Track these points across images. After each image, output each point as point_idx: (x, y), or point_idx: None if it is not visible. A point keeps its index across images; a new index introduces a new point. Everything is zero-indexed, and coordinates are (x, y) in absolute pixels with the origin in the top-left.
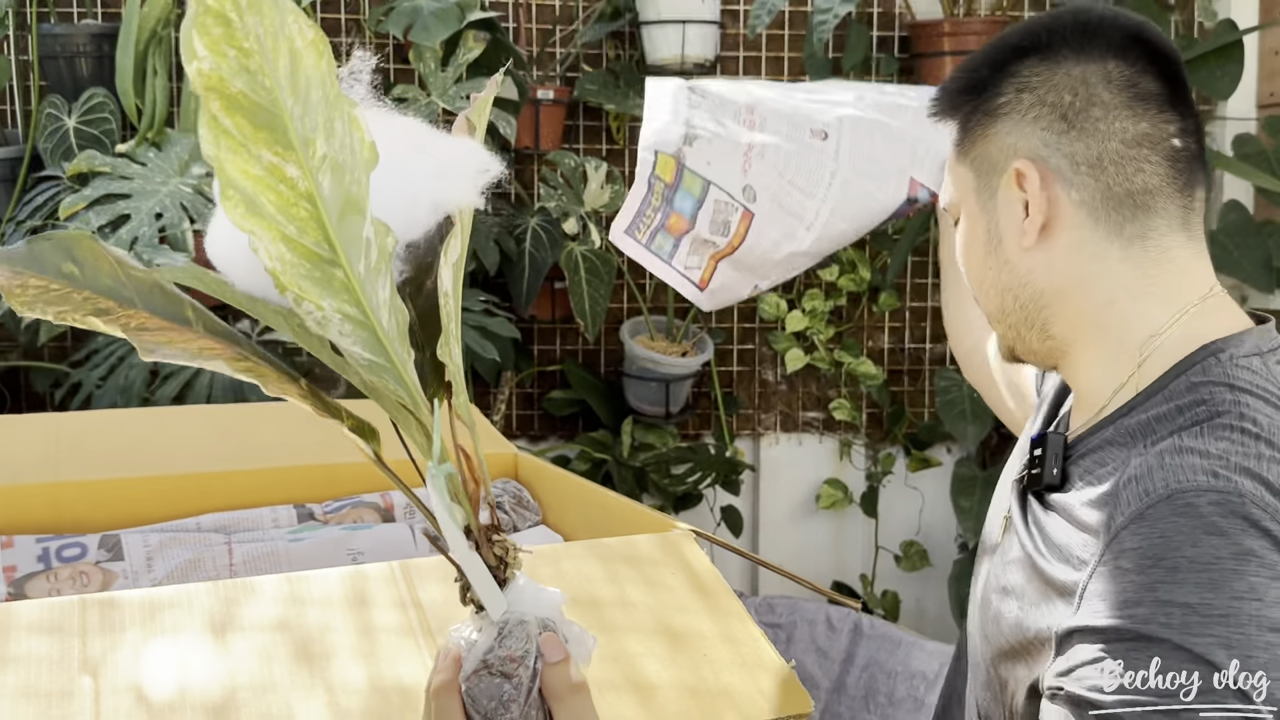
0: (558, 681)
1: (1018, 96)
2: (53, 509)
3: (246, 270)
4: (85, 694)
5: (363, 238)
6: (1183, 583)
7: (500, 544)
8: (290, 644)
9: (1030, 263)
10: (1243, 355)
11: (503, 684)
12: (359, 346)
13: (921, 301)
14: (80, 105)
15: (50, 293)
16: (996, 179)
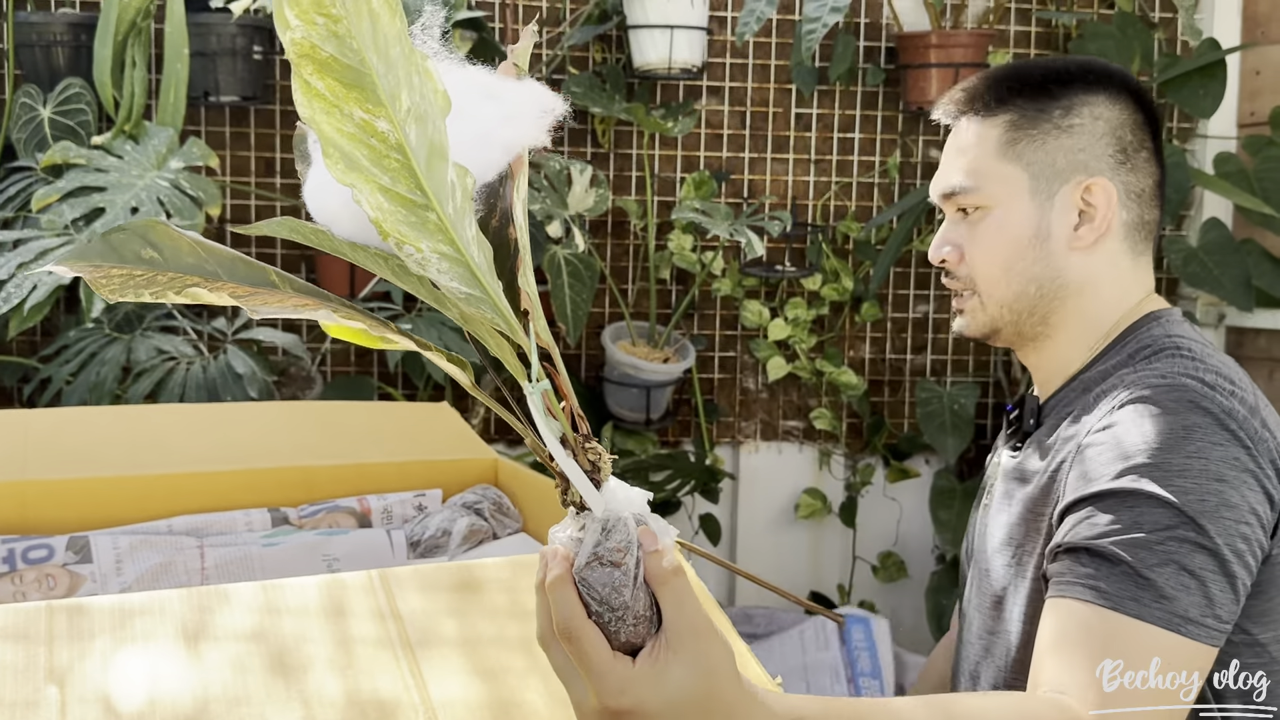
0: (659, 567)
1: (1093, 122)
2: (19, 508)
3: (349, 218)
4: (51, 704)
5: (448, 181)
6: (1147, 450)
7: (592, 450)
8: (265, 654)
9: (1069, 261)
10: (1176, 320)
11: (613, 572)
12: (456, 282)
13: (903, 312)
14: (56, 95)
15: (135, 278)
16: (1058, 184)
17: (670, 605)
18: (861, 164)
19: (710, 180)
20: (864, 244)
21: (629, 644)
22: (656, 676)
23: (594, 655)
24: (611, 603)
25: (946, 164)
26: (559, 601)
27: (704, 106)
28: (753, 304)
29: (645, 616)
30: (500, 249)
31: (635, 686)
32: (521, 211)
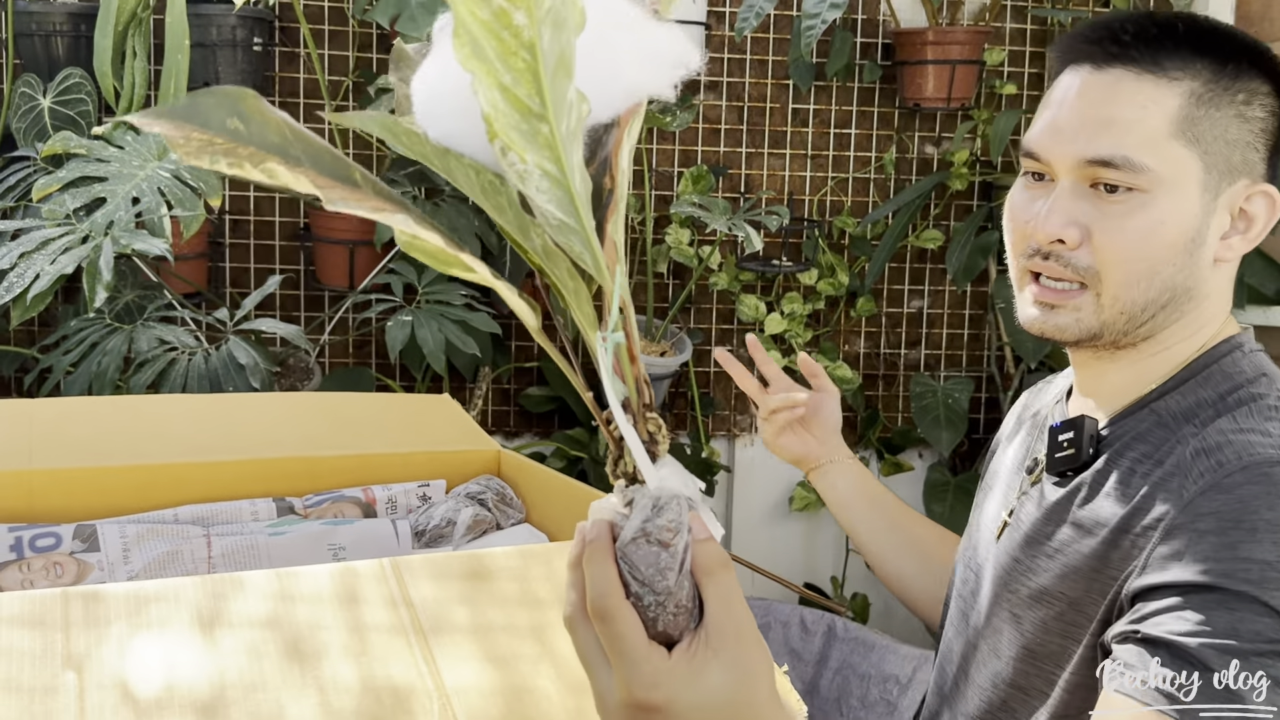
0: (709, 557)
1: (1267, 118)
2: (26, 497)
3: (449, 114)
4: (69, 690)
5: (567, 99)
6: (1261, 541)
7: (653, 420)
8: (280, 641)
9: (1207, 274)
10: (1253, 347)
11: (660, 552)
12: (553, 205)
13: (898, 308)
14: (56, 85)
15: (215, 145)
16: (1226, 183)
17: (715, 600)
18: (858, 159)
19: (708, 175)
20: (860, 239)
21: (665, 634)
22: (693, 674)
23: (629, 639)
24: (654, 585)
25: (1089, 122)
26: (596, 576)
27: (702, 102)
28: (749, 298)
29: (687, 607)
30: (594, 197)
31: (669, 681)
32: (626, 161)
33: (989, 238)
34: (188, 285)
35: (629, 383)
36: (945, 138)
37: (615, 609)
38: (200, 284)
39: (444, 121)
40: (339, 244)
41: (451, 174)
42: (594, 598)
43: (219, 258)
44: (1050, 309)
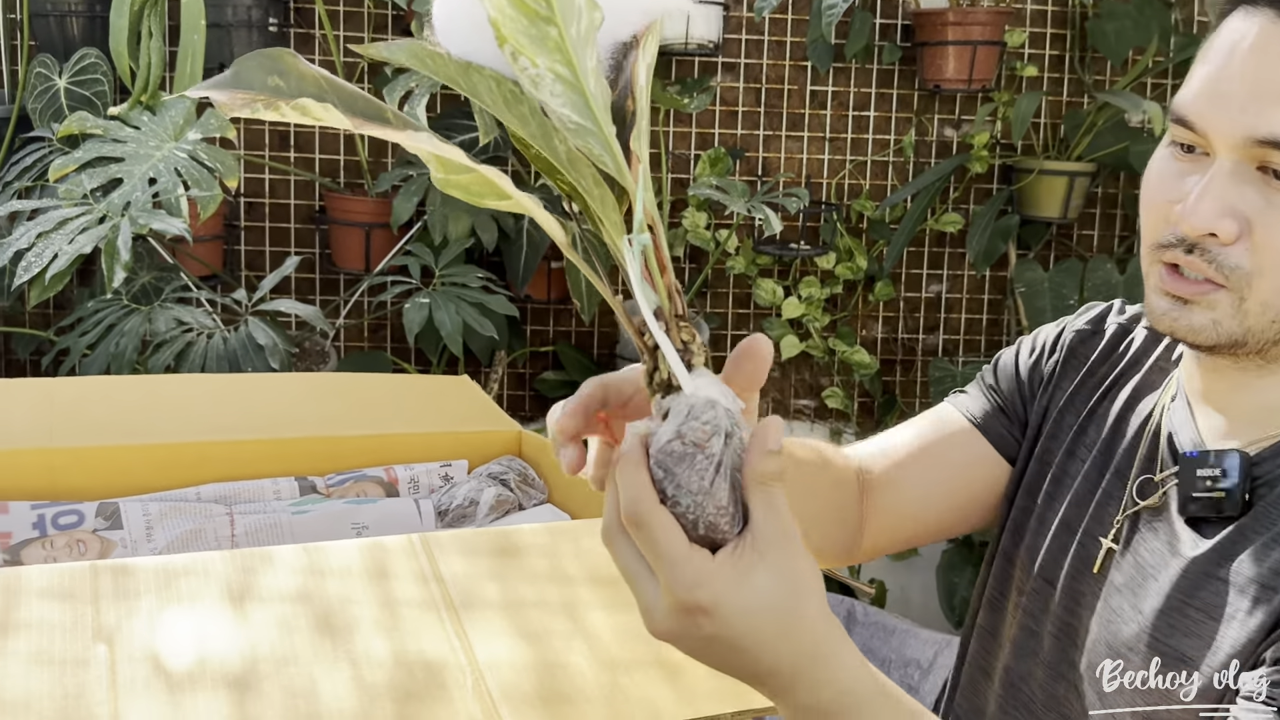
0: (762, 466)
1: None
2: (47, 475)
3: (466, 30)
4: (100, 662)
5: (575, 4)
6: None
7: (686, 329)
8: (311, 615)
9: None
10: None
11: (696, 454)
12: (568, 109)
13: (916, 292)
14: (71, 66)
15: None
16: None
17: (762, 508)
18: (876, 142)
19: (726, 157)
20: (878, 223)
21: (707, 538)
22: (739, 576)
23: (666, 541)
24: (690, 486)
25: (1265, 87)
26: (628, 484)
27: (720, 84)
28: (766, 282)
29: (728, 510)
30: (618, 119)
31: (713, 582)
32: (644, 79)
33: (1009, 221)
34: (204, 268)
35: (660, 291)
36: (965, 120)
37: (648, 513)
38: (216, 266)
39: (462, 38)
40: (355, 226)
41: (475, 90)
42: (626, 505)
43: (234, 241)
44: (1183, 304)
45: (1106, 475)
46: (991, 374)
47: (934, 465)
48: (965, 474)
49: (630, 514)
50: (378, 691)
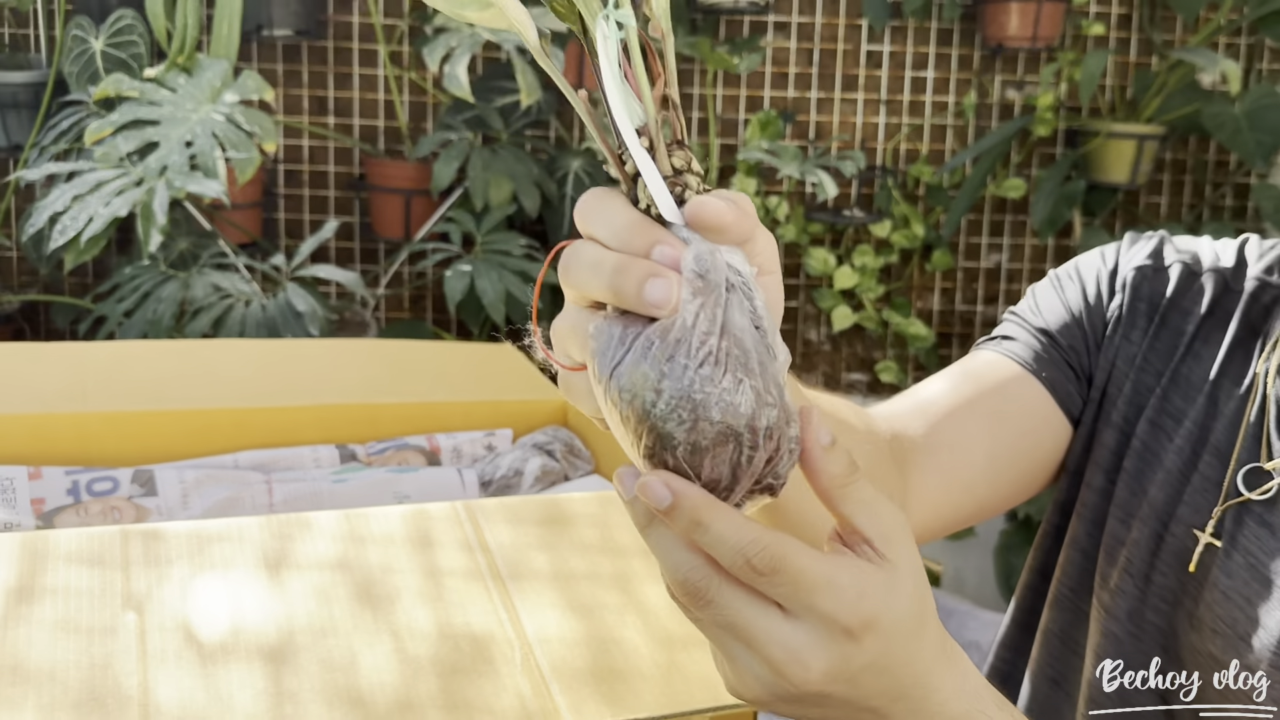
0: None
1: None
2: (81, 440)
3: None
4: (130, 630)
5: None
6: None
7: (682, 155)
8: (350, 584)
9: None
10: None
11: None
12: None
13: (975, 261)
14: (108, 28)
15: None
16: None
17: (861, 515)
18: (935, 104)
19: (776, 120)
20: (936, 188)
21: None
22: (889, 579)
23: (807, 563)
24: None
25: None
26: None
27: (770, 43)
28: (818, 251)
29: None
30: None
31: (873, 588)
32: None
33: (1074, 187)
34: (242, 234)
35: (646, 100)
36: (1029, 81)
37: (778, 545)
38: (255, 233)
39: None
40: (395, 193)
41: None
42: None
43: (273, 208)
44: None
45: (1202, 457)
46: (1036, 314)
47: (991, 421)
48: (1030, 431)
49: (746, 560)
50: (421, 665)
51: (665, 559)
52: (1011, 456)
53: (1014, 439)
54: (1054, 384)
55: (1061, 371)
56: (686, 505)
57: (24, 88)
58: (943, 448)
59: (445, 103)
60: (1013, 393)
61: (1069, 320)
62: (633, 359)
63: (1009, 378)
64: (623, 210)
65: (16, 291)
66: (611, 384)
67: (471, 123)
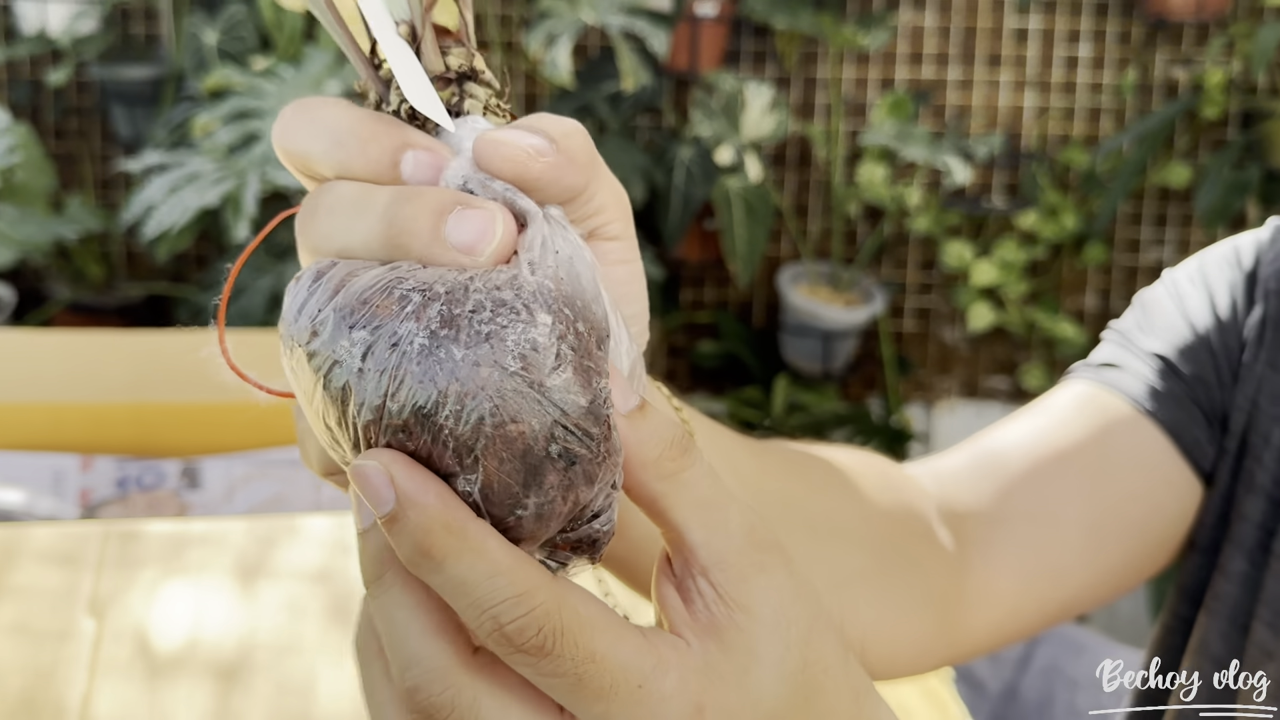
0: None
1: None
2: (136, 430)
3: None
4: (85, 637)
5: None
6: None
7: (462, 54)
8: (327, 597)
9: None
10: None
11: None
12: None
13: (1134, 256)
14: (221, 21)
15: None
16: None
17: (696, 522)
18: (1090, 85)
19: (908, 102)
20: (1090, 175)
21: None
22: (736, 653)
23: (602, 641)
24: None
25: None
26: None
27: (903, 20)
28: (955, 244)
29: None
30: None
31: (707, 674)
32: None
33: (1247, 174)
34: None
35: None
36: (1195, 58)
37: (558, 614)
38: None
39: None
40: None
41: None
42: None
43: None
44: None
45: None
46: (1146, 332)
47: (1089, 480)
48: (1144, 493)
49: (499, 625)
50: None
51: (392, 643)
52: (1119, 529)
53: (1122, 505)
54: (1176, 427)
55: (1185, 410)
56: (416, 515)
57: (148, 83)
58: (1020, 520)
59: (549, 95)
60: (1119, 441)
61: (1191, 341)
62: (365, 314)
63: (1113, 420)
64: (344, 111)
65: (143, 282)
66: (316, 345)
67: (580, 112)
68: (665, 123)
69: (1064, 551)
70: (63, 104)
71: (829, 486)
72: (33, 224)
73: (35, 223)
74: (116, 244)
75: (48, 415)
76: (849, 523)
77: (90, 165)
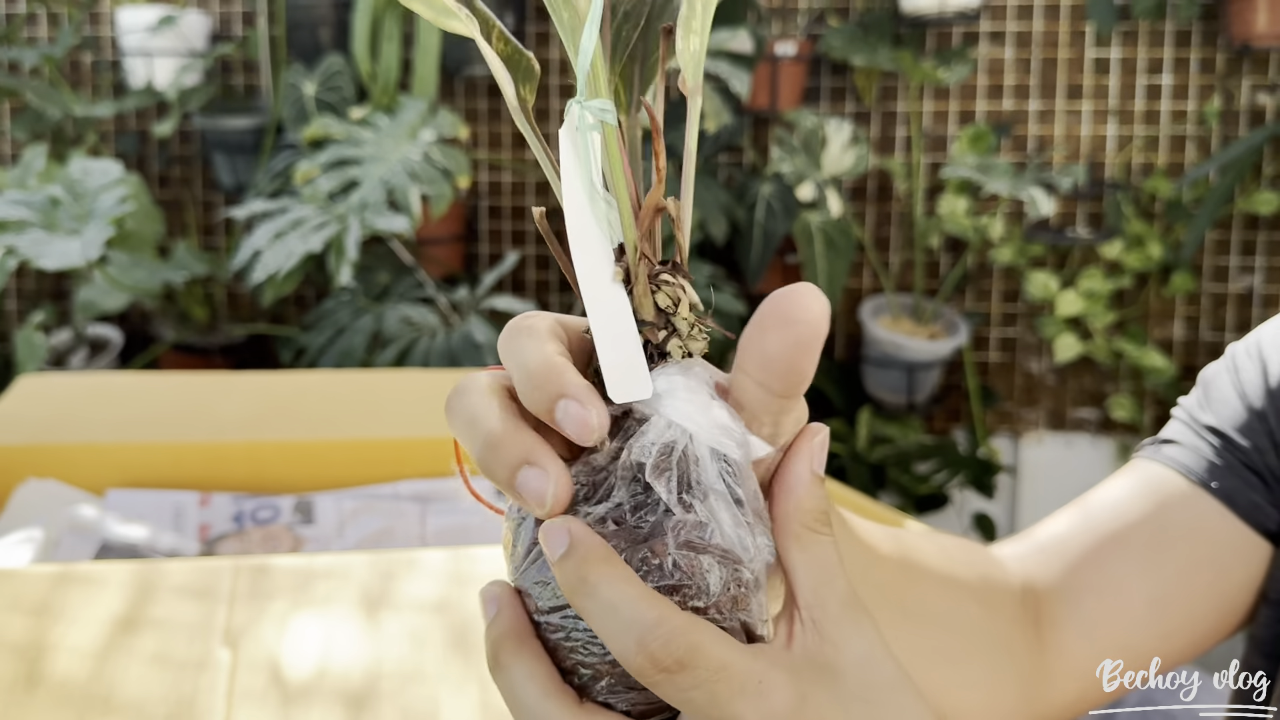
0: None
1: None
2: (252, 467)
3: None
4: (221, 667)
5: None
6: None
7: (671, 288)
8: (446, 628)
9: None
10: None
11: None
12: None
13: (1222, 284)
14: (319, 73)
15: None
16: None
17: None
18: (1173, 113)
19: (989, 134)
20: (1175, 204)
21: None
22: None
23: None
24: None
25: None
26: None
27: (982, 53)
28: (1039, 274)
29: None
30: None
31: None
32: None
33: None
34: (443, 269)
35: (625, 214)
36: None
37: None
38: (455, 267)
39: None
40: None
41: None
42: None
43: (474, 241)
44: None
45: None
46: (1204, 408)
47: (1148, 553)
48: (1206, 559)
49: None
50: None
51: (515, 707)
52: (1185, 596)
53: (1184, 573)
54: (1231, 495)
55: (1241, 478)
56: (583, 549)
57: (249, 132)
58: (1088, 594)
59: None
60: (1175, 515)
61: (1247, 414)
62: (532, 571)
63: (1170, 495)
64: (536, 347)
65: (245, 323)
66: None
67: None
68: (746, 160)
69: (1130, 623)
70: (167, 153)
71: (924, 576)
72: (143, 269)
73: (145, 268)
74: (219, 287)
75: (168, 454)
76: (939, 607)
77: (193, 211)
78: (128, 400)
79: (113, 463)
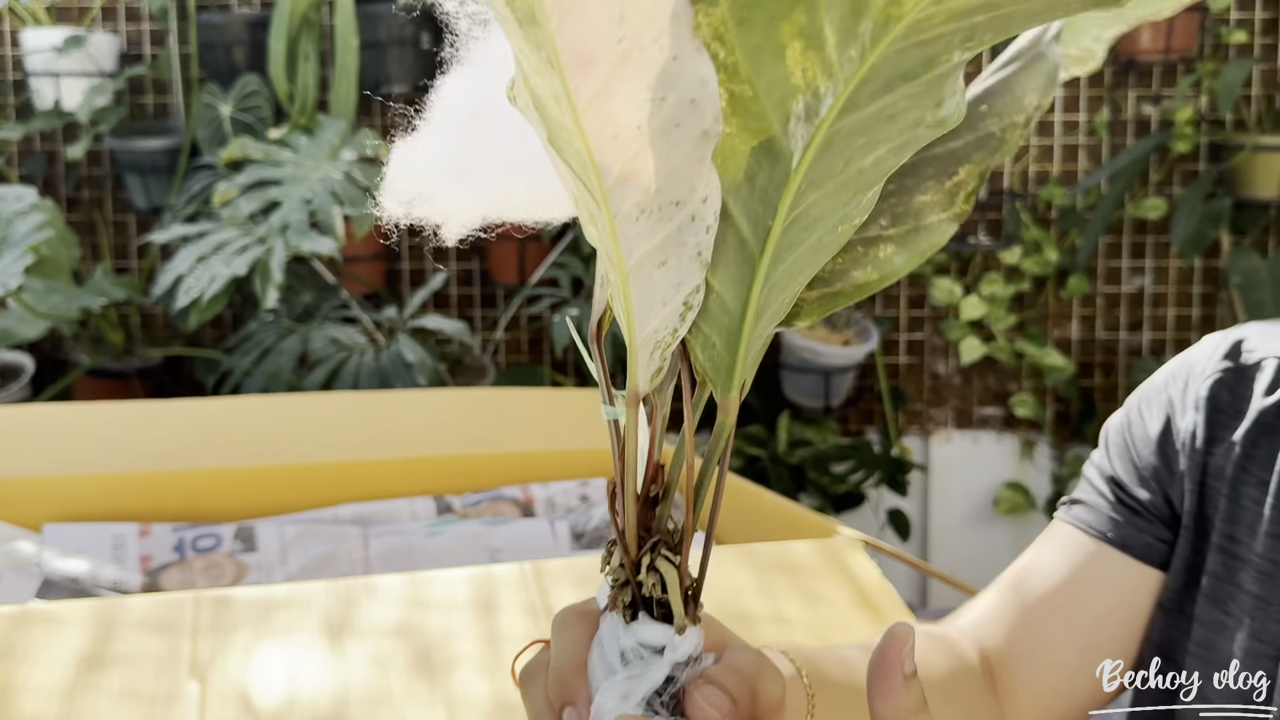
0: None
1: None
2: (189, 496)
3: None
4: (190, 700)
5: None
6: None
7: (663, 564)
8: (409, 651)
9: None
10: None
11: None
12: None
13: (1115, 286)
14: (235, 93)
15: None
16: None
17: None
18: (1065, 124)
19: None
20: (1069, 211)
21: None
22: None
23: None
24: None
25: None
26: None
27: None
28: (943, 281)
29: None
30: None
31: None
32: None
33: (1219, 204)
34: (365, 286)
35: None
36: (1165, 95)
37: None
38: (377, 284)
39: None
40: (509, 240)
41: None
42: None
43: (395, 259)
44: None
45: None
46: (1105, 460)
47: (1069, 612)
48: (1118, 605)
49: None
50: None
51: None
52: (1106, 638)
53: (1101, 619)
54: (1127, 542)
55: (1134, 525)
56: None
57: (162, 153)
58: (1025, 656)
59: None
60: (1086, 571)
61: (1138, 462)
62: None
63: (1078, 553)
64: (566, 649)
65: (161, 346)
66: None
67: None
68: None
69: (1066, 672)
70: (76, 175)
71: (936, 687)
72: (59, 295)
73: (62, 294)
74: (134, 309)
75: (104, 486)
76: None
77: (105, 234)
78: (56, 432)
79: (48, 496)
